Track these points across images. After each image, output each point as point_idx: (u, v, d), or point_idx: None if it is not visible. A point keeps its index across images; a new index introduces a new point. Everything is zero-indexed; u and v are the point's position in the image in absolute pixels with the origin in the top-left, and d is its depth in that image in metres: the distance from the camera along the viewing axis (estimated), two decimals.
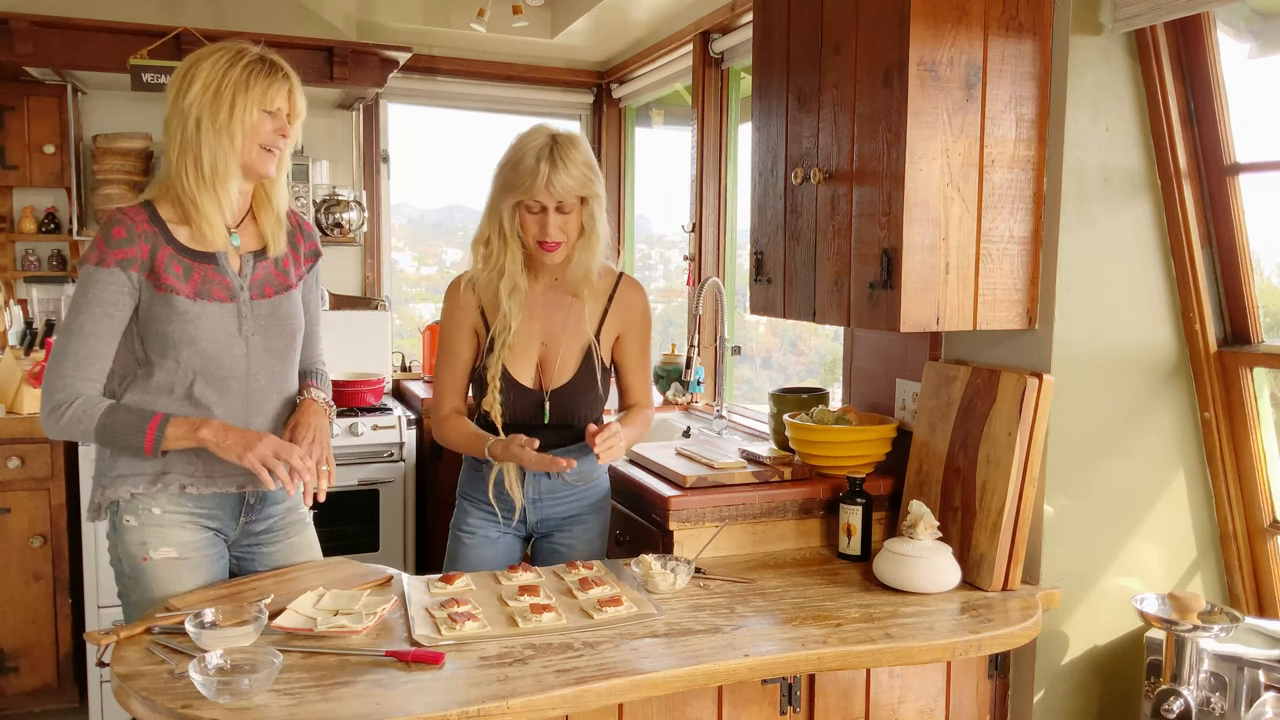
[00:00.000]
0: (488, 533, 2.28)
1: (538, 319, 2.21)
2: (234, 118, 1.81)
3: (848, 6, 2.08)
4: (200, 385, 1.88)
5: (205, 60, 1.83)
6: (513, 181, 2.10)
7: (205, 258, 1.88)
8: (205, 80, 1.81)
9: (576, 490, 2.28)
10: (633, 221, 4.69)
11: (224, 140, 1.81)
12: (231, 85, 1.81)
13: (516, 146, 2.12)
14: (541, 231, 2.11)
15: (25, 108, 3.60)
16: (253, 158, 1.86)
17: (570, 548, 2.30)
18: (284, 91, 1.87)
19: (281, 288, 1.99)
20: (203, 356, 1.87)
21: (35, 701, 3.37)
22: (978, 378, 2.15)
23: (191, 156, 1.82)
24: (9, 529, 3.26)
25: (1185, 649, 1.88)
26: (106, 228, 1.82)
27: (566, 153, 2.08)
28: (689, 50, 3.77)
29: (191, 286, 1.85)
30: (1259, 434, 2.14)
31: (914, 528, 2.05)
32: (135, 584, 1.91)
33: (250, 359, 1.93)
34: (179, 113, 1.83)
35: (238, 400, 1.92)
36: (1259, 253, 2.15)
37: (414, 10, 4.01)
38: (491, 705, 1.50)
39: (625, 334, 2.29)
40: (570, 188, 2.08)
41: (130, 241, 1.81)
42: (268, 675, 1.51)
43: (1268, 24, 2.14)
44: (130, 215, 1.84)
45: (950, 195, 1.99)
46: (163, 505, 1.90)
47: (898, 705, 2.05)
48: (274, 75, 1.85)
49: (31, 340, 3.53)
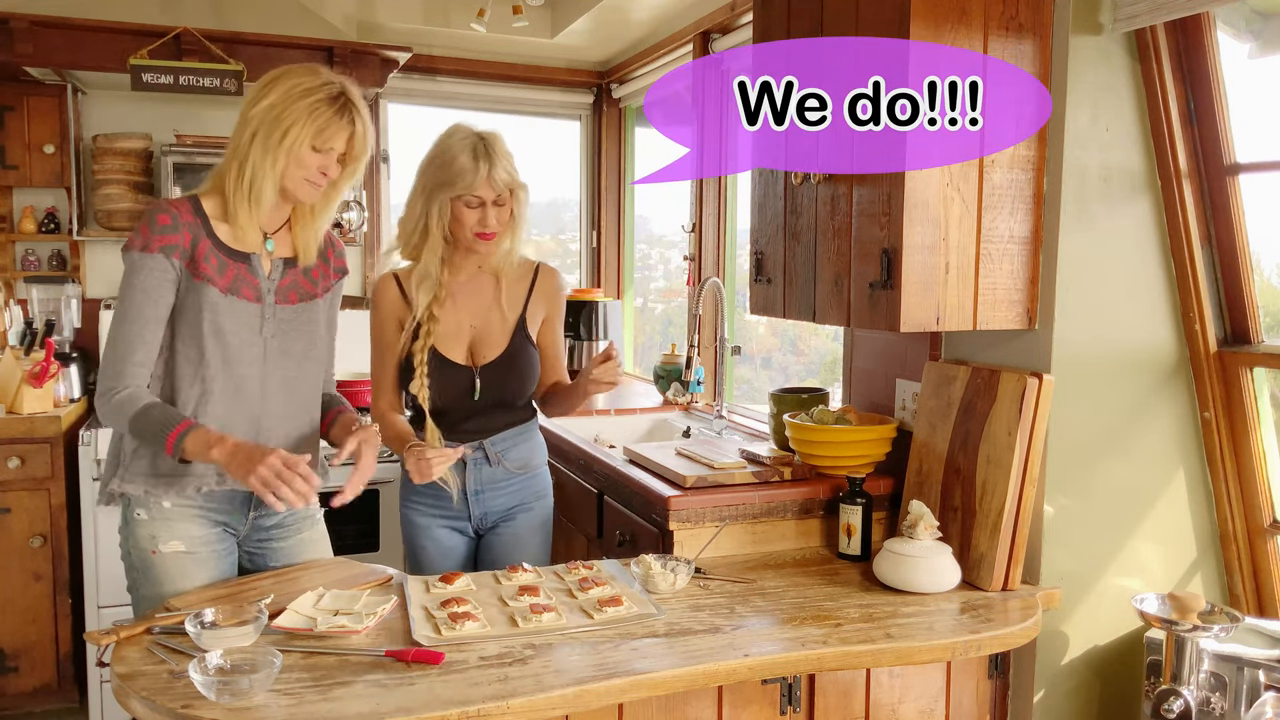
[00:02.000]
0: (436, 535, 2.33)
1: (465, 303, 2.29)
2: (283, 145, 1.85)
3: (847, 6, 2.08)
4: (220, 381, 1.92)
5: (286, 80, 1.87)
6: (448, 178, 2.17)
7: (240, 257, 1.93)
8: (275, 99, 1.85)
9: (518, 479, 2.34)
10: (633, 221, 4.69)
11: (268, 161, 1.86)
12: (294, 114, 1.84)
13: (443, 146, 2.20)
14: (481, 224, 2.18)
15: (25, 108, 3.59)
16: (293, 184, 1.90)
17: (516, 536, 2.33)
18: (344, 135, 1.90)
19: (306, 295, 2.03)
20: (225, 350, 1.91)
21: (35, 701, 3.37)
22: (978, 378, 2.15)
23: (238, 163, 1.88)
24: (9, 529, 3.26)
25: (1185, 649, 1.88)
26: (151, 214, 1.86)
27: (496, 146, 2.19)
28: (689, 50, 3.77)
29: (225, 281, 1.91)
30: (1259, 434, 2.14)
31: (914, 528, 2.05)
32: (144, 577, 1.94)
33: (267, 359, 1.97)
34: (244, 119, 1.88)
35: (252, 399, 1.96)
36: (1259, 253, 2.15)
37: (414, 10, 4.01)
38: (491, 705, 1.50)
39: (550, 317, 2.38)
40: (506, 180, 2.18)
41: (174, 229, 1.85)
42: (268, 675, 1.51)
43: (1268, 24, 2.14)
44: (175, 205, 1.88)
45: (950, 195, 1.99)
46: (173, 499, 1.92)
47: (898, 705, 2.05)
48: (340, 116, 1.88)
49: (31, 340, 3.53)
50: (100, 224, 3.77)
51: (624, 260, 4.70)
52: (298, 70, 1.90)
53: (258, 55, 3.53)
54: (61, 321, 3.74)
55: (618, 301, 4.44)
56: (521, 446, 2.34)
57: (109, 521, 3.23)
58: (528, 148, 4.69)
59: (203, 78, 3.43)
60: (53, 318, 3.65)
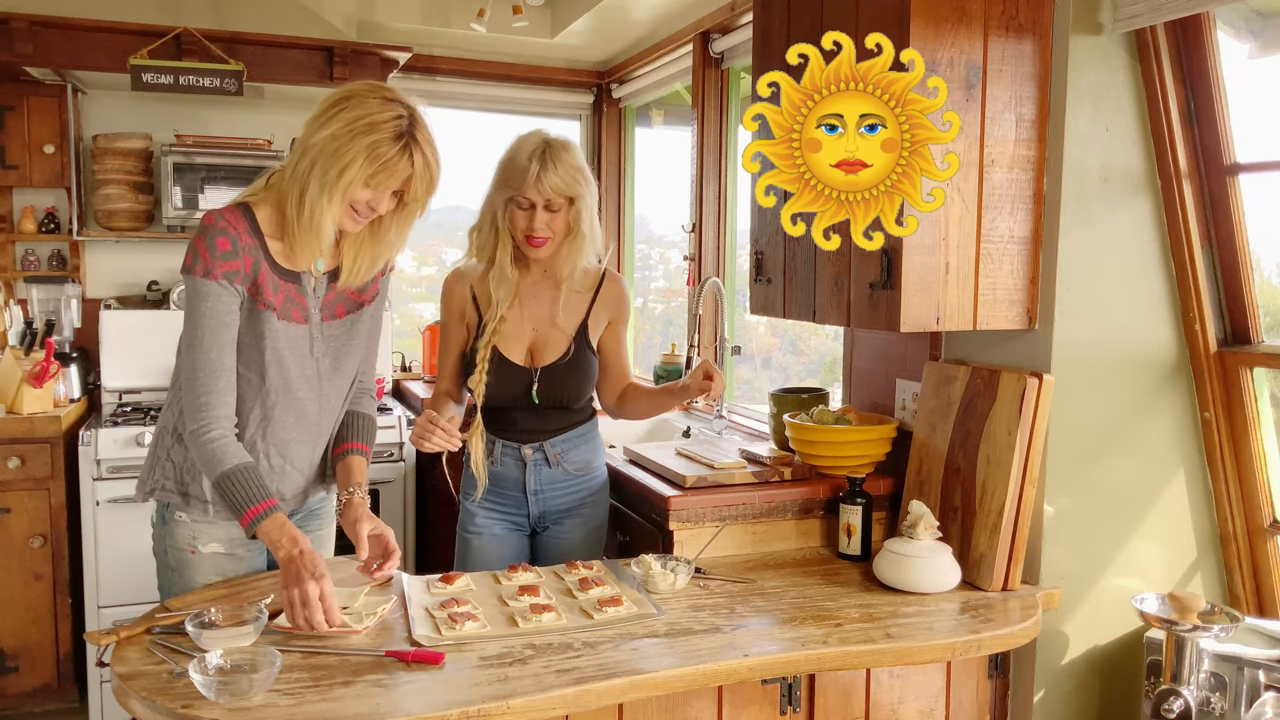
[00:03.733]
0: (494, 530, 2.34)
1: (529, 306, 2.31)
2: (340, 182, 1.74)
3: (847, 6, 2.08)
4: (281, 406, 1.89)
5: (352, 109, 1.74)
6: (506, 178, 2.21)
7: (292, 276, 1.87)
8: (337, 130, 1.73)
9: (577, 480, 2.34)
10: (633, 221, 4.69)
11: (324, 198, 1.75)
12: (353, 150, 1.72)
13: (513, 146, 2.22)
14: (528, 227, 2.19)
15: (25, 108, 3.59)
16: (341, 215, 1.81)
17: (572, 540, 2.34)
18: (400, 178, 1.78)
19: (354, 306, 1.97)
20: (285, 376, 1.88)
21: (35, 701, 3.37)
22: (978, 378, 2.15)
23: (298, 192, 1.77)
24: (9, 529, 3.26)
25: (1185, 649, 1.88)
26: (210, 236, 1.76)
27: (557, 154, 2.17)
28: (689, 50, 3.77)
29: (279, 304, 1.85)
30: (1259, 434, 2.14)
31: (914, 528, 2.05)
32: (180, 576, 1.94)
33: (321, 379, 1.94)
34: (306, 143, 1.76)
35: (311, 421, 1.95)
36: (1259, 253, 2.15)
37: (414, 10, 4.00)
38: (491, 705, 1.50)
39: (614, 322, 2.39)
40: (558, 187, 2.16)
41: (235, 255, 1.78)
42: (267, 675, 1.51)
43: (1268, 24, 2.14)
44: (233, 224, 1.79)
45: (950, 195, 1.99)
46: (216, 504, 1.90)
47: (898, 705, 2.05)
48: (400, 158, 1.75)
49: (31, 340, 3.52)
50: (100, 224, 3.77)
51: (624, 260, 4.70)
52: (368, 97, 1.76)
53: (258, 55, 3.53)
54: (61, 321, 3.74)
55: None
56: (581, 448, 2.35)
57: (109, 521, 3.23)
58: None
59: (203, 78, 3.43)
60: (53, 318, 3.65)
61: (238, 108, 3.85)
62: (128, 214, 3.75)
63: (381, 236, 1.89)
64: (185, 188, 3.72)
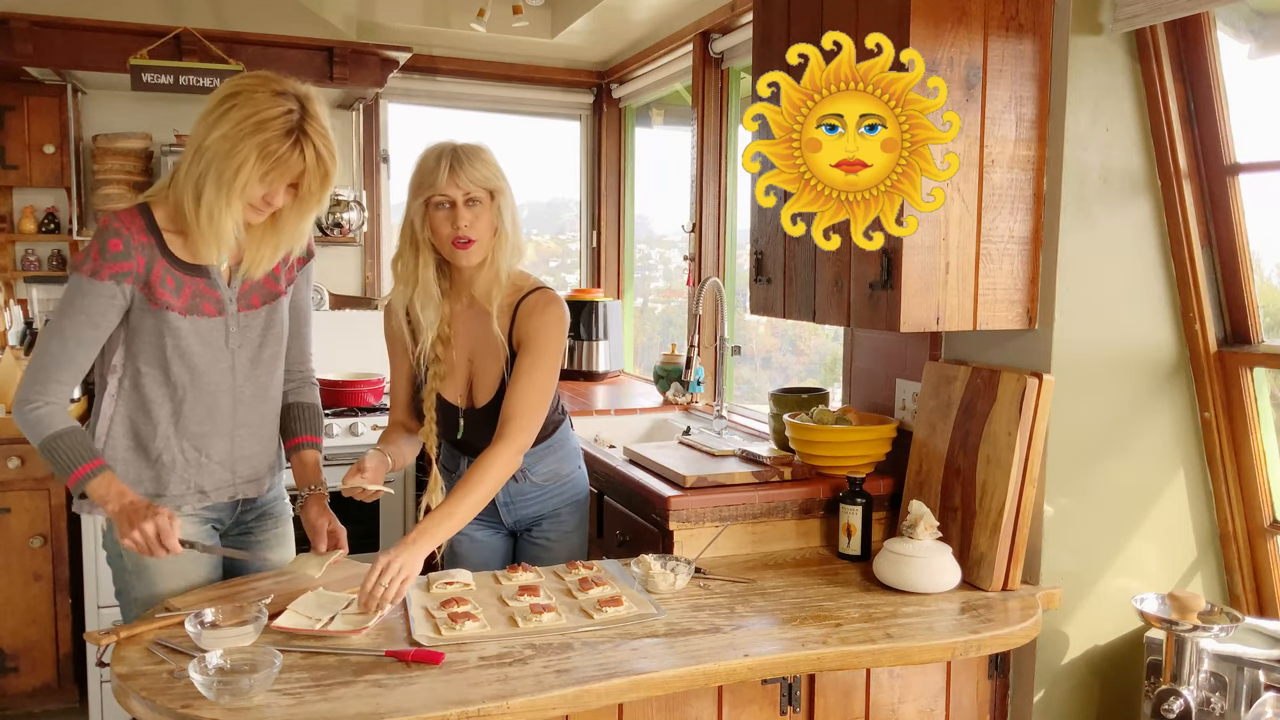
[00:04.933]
0: (474, 535, 2.30)
1: (463, 338, 2.17)
2: (235, 183, 1.75)
3: (847, 6, 2.08)
4: (190, 400, 1.90)
5: (241, 106, 1.75)
6: (419, 183, 2.06)
7: (197, 270, 1.87)
8: (228, 130, 1.74)
9: (548, 489, 2.30)
10: (633, 221, 4.69)
11: (222, 200, 1.76)
12: (245, 151, 1.73)
13: (420, 156, 2.10)
14: (453, 227, 2.03)
15: (25, 108, 3.59)
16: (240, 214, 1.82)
17: (550, 540, 2.32)
18: (293, 173, 1.79)
19: (270, 296, 1.98)
20: (192, 371, 1.88)
21: (35, 701, 3.37)
22: (978, 378, 2.15)
23: (194, 192, 1.78)
24: (9, 529, 3.26)
25: (1185, 649, 1.88)
26: (103, 238, 1.79)
27: (469, 149, 2.06)
28: (689, 50, 3.77)
29: (183, 301, 1.86)
30: (1259, 434, 2.14)
31: (914, 528, 2.05)
32: (138, 578, 1.92)
33: (236, 371, 1.94)
34: (200, 145, 1.77)
35: (225, 414, 1.94)
36: (1259, 253, 2.15)
37: (414, 10, 4.00)
38: (491, 705, 1.50)
39: (520, 346, 2.12)
40: (475, 178, 2.03)
41: (127, 255, 1.80)
42: (267, 675, 1.51)
43: (1268, 24, 2.14)
44: (127, 224, 1.81)
45: (950, 195, 1.99)
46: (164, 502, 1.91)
47: (898, 705, 2.05)
48: (291, 153, 1.76)
49: (31, 340, 3.53)
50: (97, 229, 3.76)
51: (624, 260, 4.70)
52: (256, 91, 1.77)
53: (258, 55, 3.53)
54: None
55: (618, 301, 4.44)
56: (548, 459, 2.28)
57: None
58: (528, 148, 4.71)
59: (203, 78, 3.43)
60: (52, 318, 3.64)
61: None
62: None
63: (281, 228, 1.88)
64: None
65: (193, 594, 1.90)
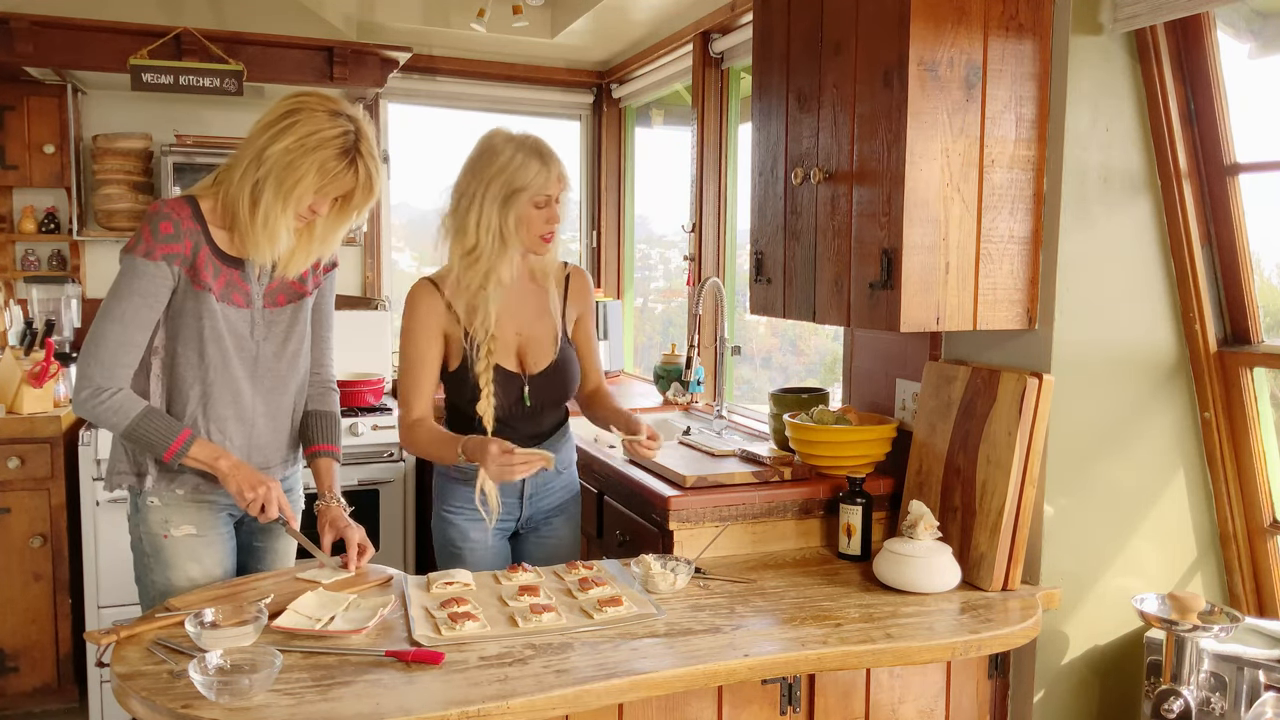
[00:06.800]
0: (480, 539, 2.27)
1: (513, 310, 2.22)
2: (293, 194, 1.87)
3: (847, 6, 2.08)
4: (219, 384, 1.97)
5: (304, 123, 1.86)
6: (519, 181, 2.08)
7: (234, 263, 1.97)
8: (290, 144, 1.85)
9: (563, 479, 2.34)
10: (633, 221, 4.69)
11: (278, 205, 1.88)
12: (306, 165, 1.86)
13: (498, 149, 2.11)
14: (551, 222, 2.15)
15: (25, 108, 3.60)
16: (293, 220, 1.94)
17: (558, 538, 2.34)
18: (345, 188, 1.92)
19: (295, 295, 2.08)
20: (223, 354, 1.96)
21: (35, 701, 3.37)
22: (978, 378, 2.15)
23: (251, 198, 1.89)
24: (9, 529, 3.26)
25: (1185, 649, 1.88)
26: (154, 221, 1.88)
27: (541, 143, 2.15)
28: (689, 50, 3.77)
29: (219, 287, 1.95)
30: (1259, 434, 2.14)
31: (914, 528, 2.05)
32: (155, 560, 2.00)
33: (259, 362, 2.03)
34: (260, 154, 1.87)
35: (246, 402, 2.01)
36: (1259, 253, 2.15)
37: (414, 10, 4.00)
38: (491, 705, 1.50)
39: (582, 316, 2.34)
40: (565, 175, 2.16)
41: (177, 238, 1.89)
42: (268, 675, 1.51)
43: (1268, 24, 2.14)
44: (176, 210, 1.90)
45: (950, 195, 1.99)
46: (185, 487, 1.99)
47: (898, 705, 2.05)
48: (346, 171, 1.89)
49: (31, 340, 3.52)
50: (100, 224, 3.77)
51: (624, 260, 4.70)
52: (316, 110, 1.88)
53: (258, 55, 3.53)
54: (61, 321, 3.75)
55: (618, 301, 4.44)
56: (566, 445, 2.36)
57: (109, 521, 3.23)
58: None
59: (203, 78, 3.43)
60: (53, 318, 3.65)
61: (238, 108, 3.85)
62: (128, 214, 3.74)
63: (319, 235, 2.00)
64: (185, 188, 3.69)
65: (193, 594, 1.91)
